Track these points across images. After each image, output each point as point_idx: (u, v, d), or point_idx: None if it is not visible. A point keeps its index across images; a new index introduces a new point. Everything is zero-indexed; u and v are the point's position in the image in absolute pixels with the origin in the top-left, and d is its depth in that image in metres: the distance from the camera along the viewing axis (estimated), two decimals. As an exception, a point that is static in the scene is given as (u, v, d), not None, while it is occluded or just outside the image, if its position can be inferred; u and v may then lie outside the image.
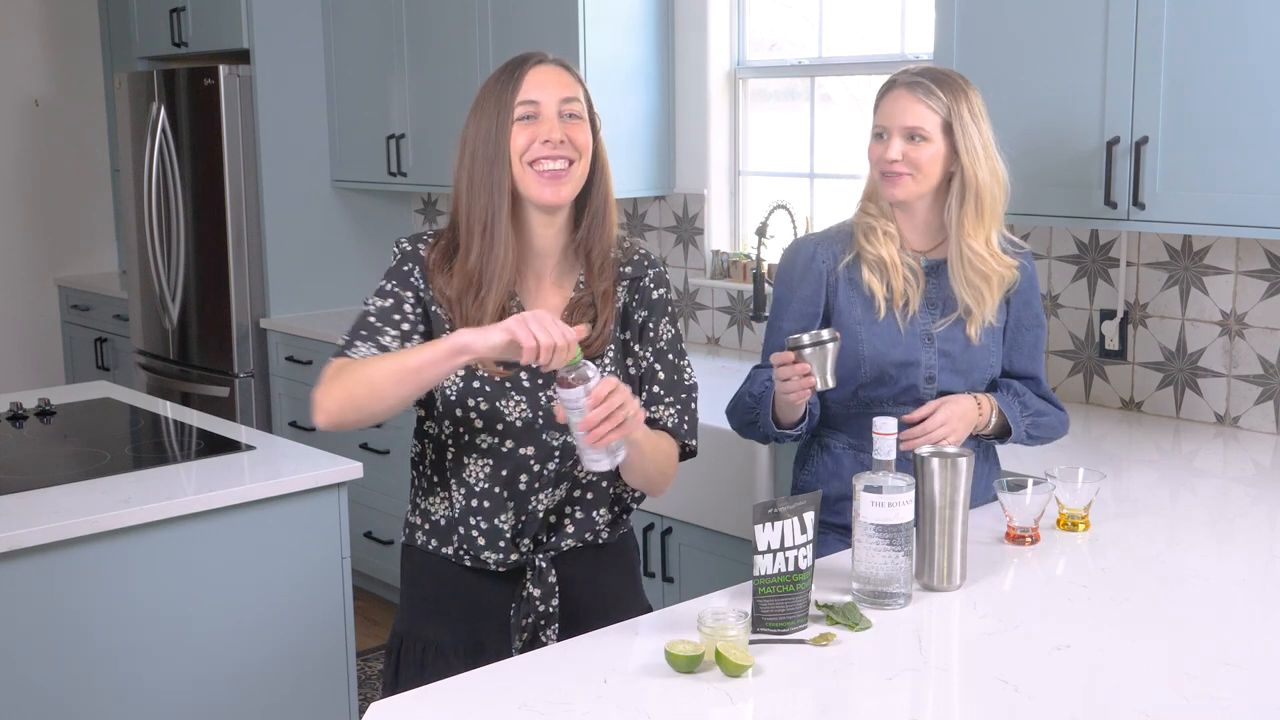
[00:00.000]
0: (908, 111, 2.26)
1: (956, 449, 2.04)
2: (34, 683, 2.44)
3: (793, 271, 2.38)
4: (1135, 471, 2.76)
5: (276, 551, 2.73)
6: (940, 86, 2.26)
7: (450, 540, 2.05)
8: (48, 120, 6.09)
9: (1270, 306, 2.97)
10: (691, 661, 1.71)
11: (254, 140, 4.80)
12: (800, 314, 2.35)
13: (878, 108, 2.33)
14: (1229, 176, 2.62)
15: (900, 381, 2.32)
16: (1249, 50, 2.57)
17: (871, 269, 2.32)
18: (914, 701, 1.71)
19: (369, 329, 1.95)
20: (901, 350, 2.32)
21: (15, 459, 2.94)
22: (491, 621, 2.06)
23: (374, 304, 1.98)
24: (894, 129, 2.27)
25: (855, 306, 2.33)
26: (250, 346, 4.87)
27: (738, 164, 4.19)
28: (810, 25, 4.00)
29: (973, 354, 2.35)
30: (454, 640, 2.06)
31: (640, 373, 2.05)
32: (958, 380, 2.35)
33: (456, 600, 2.07)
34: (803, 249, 2.39)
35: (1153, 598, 2.01)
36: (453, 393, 1.96)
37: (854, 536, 1.95)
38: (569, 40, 3.97)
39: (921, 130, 2.26)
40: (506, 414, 1.96)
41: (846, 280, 2.34)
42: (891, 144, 2.27)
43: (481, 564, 2.04)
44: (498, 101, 1.93)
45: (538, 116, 1.92)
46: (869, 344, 2.32)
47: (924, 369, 2.33)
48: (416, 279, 1.99)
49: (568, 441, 1.97)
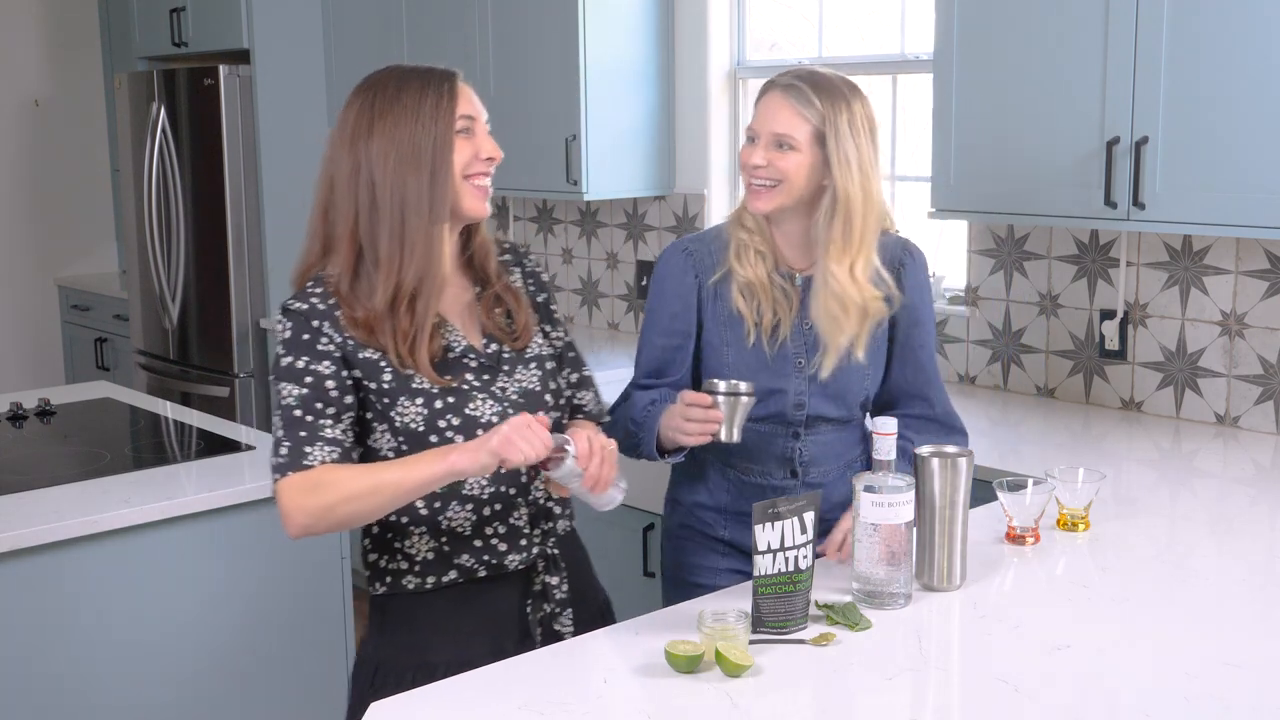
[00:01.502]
0: (778, 117, 2.12)
1: (957, 448, 2.04)
2: (34, 683, 2.44)
3: (664, 283, 2.25)
4: (1135, 471, 2.76)
5: (276, 551, 2.73)
6: (818, 93, 2.10)
7: (451, 566, 1.96)
8: (48, 120, 6.09)
9: (1270, 306, 2.97)
10: (691, 661, 1.71)
11: (254, 140, 4.80)
12: (670, 330, 2.24)
13: (754, 109, 2.19)
14: (1229, 176, 2.62)
15: (770, 406, 2.20)
16: (1249, 51, 2.57)
17: (741, 290, 2.18)
18: (914, 701, 1.71)
19: (305, 428, 1.86)
20: (768, 376, 2.19)
21: (15, 459, 2.94)
22: (507, 627, 1.99)
23: (291, 393, 1.87)
24: (763, 134, 2.13)
25: (723, 327, 2.21)
26: (250, 346, 4.88)
27: (737, 164, 4.19)
28: (810, 25, 4.00)
29: (845, 377, 2.22)
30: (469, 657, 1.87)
31: (557, 352, 2.08)
32: (829, 405, 2.23)
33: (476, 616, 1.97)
34: (673, 259, 2.25)
35: (1153, 598, 2.01)
36: (418, 421, 1.89)
37: (854, 536, 1.95)
38: (569, 40, 3.97)
39: (790, 138, 2.10)
40: (479, 417, 1.91)
41: (715, 297, 2.21)
42: (758, 150, 2.13)
43: (498, 570, 1.98)
44: (433, 114, 1.88)
45: (473, 131, 1.91)
46: (734, 368, 2.20)
47: (793, 396, 2.22)
48: (327, 336, 1.89)
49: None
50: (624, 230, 4.43)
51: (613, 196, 4.18)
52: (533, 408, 1.95)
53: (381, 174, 1.87)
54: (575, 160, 4.02)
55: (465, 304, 2.00)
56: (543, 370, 2.01)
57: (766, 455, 2.26)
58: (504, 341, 1.99)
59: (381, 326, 1.88)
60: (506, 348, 1.98)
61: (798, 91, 2.12)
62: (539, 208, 4.73)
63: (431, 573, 1.95)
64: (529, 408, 1.95)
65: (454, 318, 1.97)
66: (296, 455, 1.84)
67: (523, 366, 1.99)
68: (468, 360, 1.94)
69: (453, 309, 1.98)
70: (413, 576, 1.96)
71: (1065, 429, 3.09)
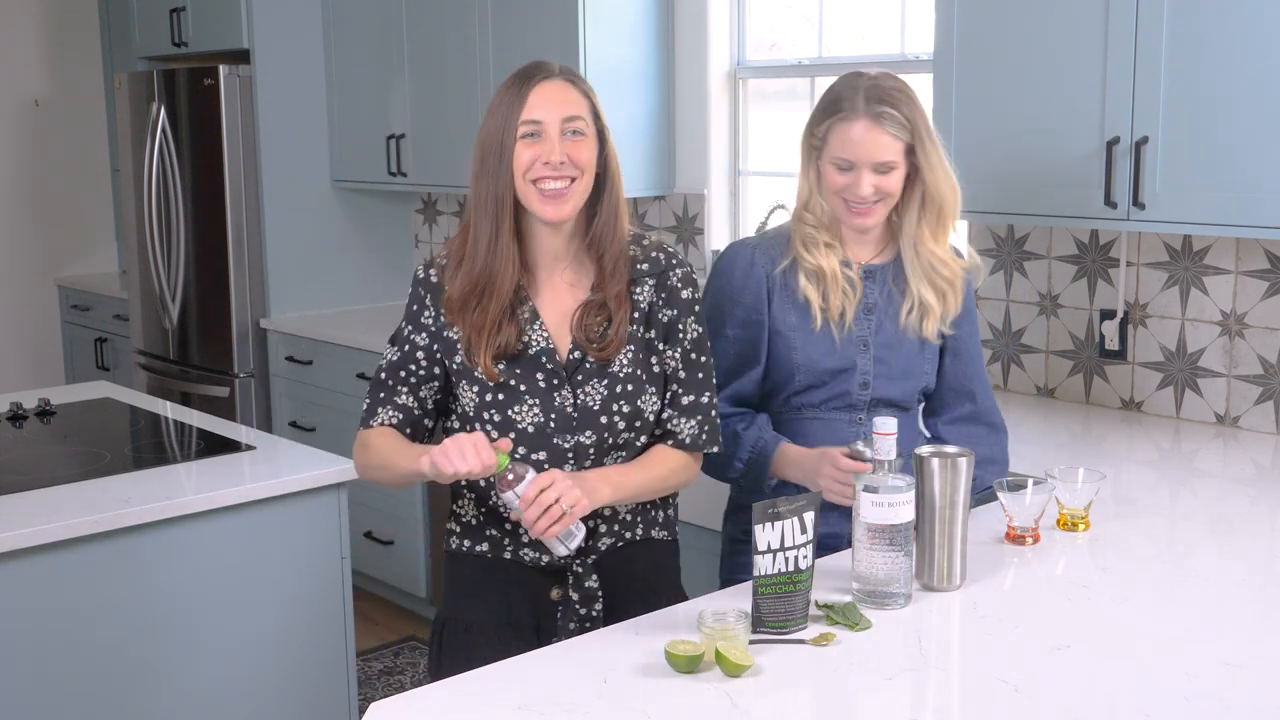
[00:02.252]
0: (878, 146, 2.16)
1: (956, 448, 2.04)
2: (34, 683, 2.44)
3: (732, 278, 2.28)
4: (1135, 471, 2.76)
5: (276, 551, 2.73)
6: (900, 109, 2.16)
7: (483, 538, 2.09)
8: (48, 120, 6.09)
9: (1270, 306, 2.97)
10: (691, 661, 1.71)
11: (254, 140, 4.80)
12: (745, 321, 2.27)
13: (832, 135, 2.19)
14: (1229, 176, 2.62)
15: (834, 387, 2.27)
16: (1249, 50, 2.57)
17: (808, 277, 2.25)
18: (914, 701, 1.71)
19: (385, 390, 2.07)
20: (836, 358, 2.25)
21: (15, 459, 2.94)
22: (525, 605, 2.08)
23: (388, 356, 2.09)
24: (863, 164, 2.17)
25: (790, 313, 2.26)
26: (250, 346, 4.87)
27: (738, 164, 4.19)
28: (810, 25, 4.00)
29: (910, 358, 2.30)
30: (496, 620, 2.08)
31: (667, 371, 2.08)
32: (893, 386, 2.29)
33: (494, 587, 2.09)
34: (740, 254, 2.29)
35: (1153, 598, 2.01)
36: (470, 407, 2.02)
37: (854, 536, 1.95)
38: (569, 40, 3.97)
39: (890, 163, 2.17)
40: (518, 421, 2.00)
41: (782, 286, 2.26)
42: (863, 180, 2.17)
43: (519, 559, 2.07)
44: (504, 116, 1.95)
45: (540, 135, 1.94)
46: (803, 352, 2.25)
47: (859, 375, 2.27)
48: (429, 313, 2.05)
49: (580, 442, 2.01)
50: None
51: (613, 196, 4.17)
52: (584, 425, 2.00)
53: (472, 170, 1.98)
54: (575, 160, 4.01)
55: (569, 305, 2.03)
56: (614, 390, 2.01)
57: (832, 442, 2.24)
58: (588, 351, 2.00)
59: (459, 315, 2.01)
60: (590, 358, 2.01)
61: (888, 118, 2.16)
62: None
63: (469, 538, 2.11)
64: (581, 424, 2.00)
65: (550, 316, 2.02)
66: (369, 413, 2.08)
67: (596, 380, 2.01)
68: (543, 361, 2.00)
69: (552, 307, 2.03)
70: (455, 539, 2.13)
71: (1065, 429, 3.09)
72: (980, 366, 2.40)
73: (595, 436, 2.01)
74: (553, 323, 2.02)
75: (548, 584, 2.08)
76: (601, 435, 2.01)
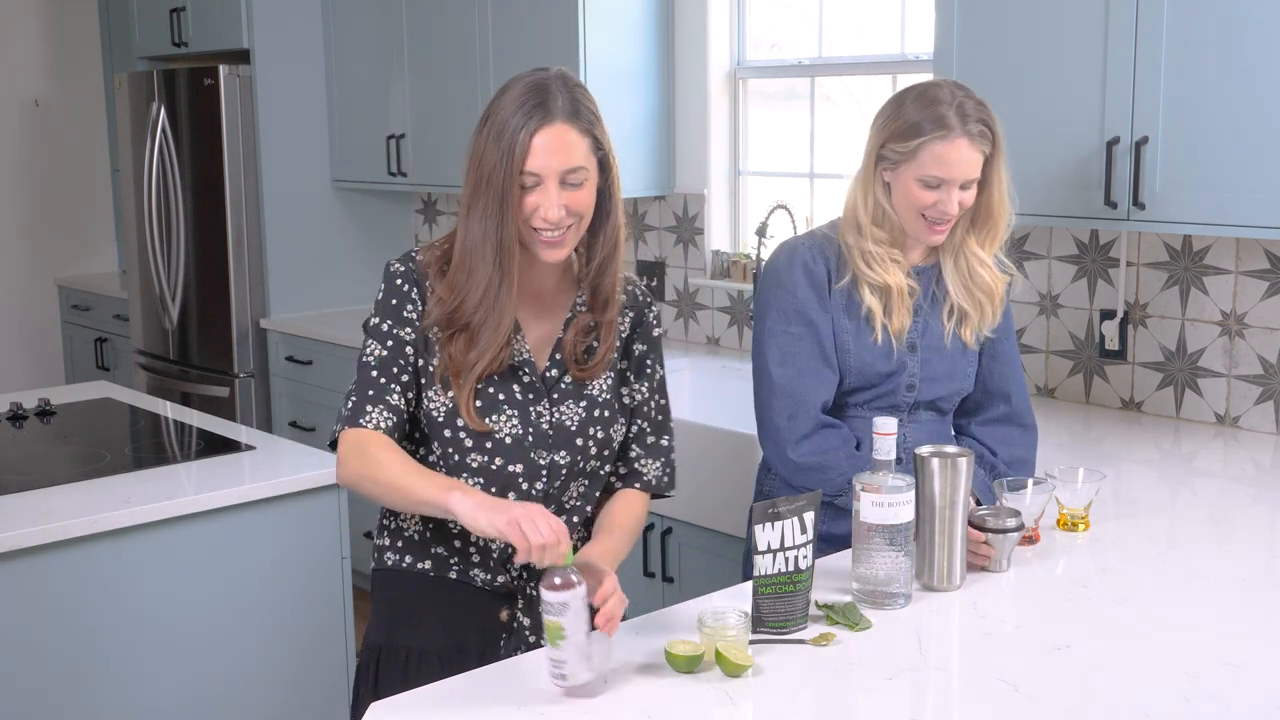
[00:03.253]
0: (973, 165, 2.16)
1: (956, 449, 2.04)
2: (34, 683, 2.44)
3: (793, 276, 2.25)
4: (1135, 471, 2.76)
5: (276, 551, 2.73)
6: (990, 126, 2.16)
7: (427, 555, 2.01)
8: (48, 120, 6.09)
9: (1270, 306, 2.97)
10: (691, 661, 1.71)
11: (254, 140, 4.80)
12: (810, 321, 2.23)
13: (927, 152, 2.14)
14: (1229, 176, 2.62)
15: (881, 389, 2.28)
16: (1249, 50, 2.57)
17: (873, 292, 2.23)
18: (914, 702, 1.71)
19: (375, 388, 1.93)
20: (887, 361, 2.26)
21: (15, 459, 2.94)
22: (474, 630, 2.01)
23: (373, 352, 1.95)
24: (955, 181, 2.15)
25: (845, 318, 2.25)
26: (250, 346, 4.88)
27: (738, 164, 4.19)
28: (810, 25, 4.00)
29: (954, 361, 2.31)
30: (436, 647, 2.00)
31: (633, 404, 2.06)
32: (938, 388, 2.30)
33: (437, 610, 2.01)
34: (798, 254, 2.26)
35: (1153, 598, 2.01)
36: (440, 414, 1.94)
37: (854, 536, 1.95)
38: (569, 40, 3.97)
39: (976, 179, 2.18)
40: (497, 430, 1.94)
41: (840, 293, 2.25)
42: (952, 197, 2.16)
43: (467, 579, 2.01)
44: (505, 155, 1.84)
45: (540, 186, 1.86)
46: (857, 355, 2.25)
47: (906, 376, 2.28)
48: (411, 307, 1.95)
49: (555, 460, 1.96)
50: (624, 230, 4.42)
51: (613, 196, 4.17)
52: (559, 444, 1.96)
53: (465, 193, 1.90)
54: (575, 160, 4.01)
55: (553, 321, 1.99)
56: (591, 413, 1.98)
57: (869, 438, 2.19)
58: (570, 369, 1.97)
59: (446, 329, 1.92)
60: (569, 378, 1.97)
61: (984, 137, 2.15)
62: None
63: (410, 554, 2.03)
64: (556, 443, 1.96)
65: (532, 331, 1.97)
66: (358, 412, 1.93)
67: (573, 401, 1.97)
68: (521, 374, 1.95)
69: (535, 323, 1.98)
70: (393, 554, 2.04)
71: (1065, 429, 3.09)
72: (1017, 367, 2.41)
73: (569, 457, 1.97)
74: (534, 338, 1.97)
75: (497, 606, 2.02)
76: (575, 457, 1.97)
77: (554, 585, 1.65)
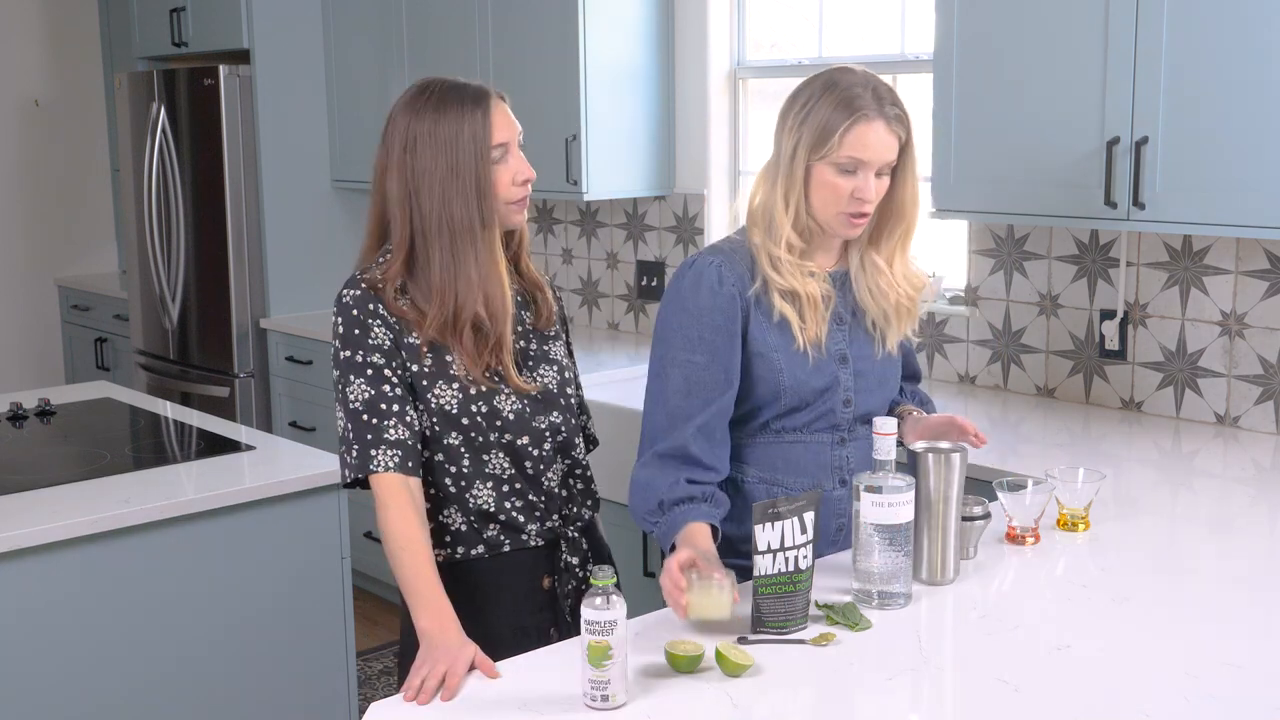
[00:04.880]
0: (888, 146, 2.04)
1: (951, 444, 2.05)
2: (33, 682, 2.44)
3: (698, 296, 2.08)
4: (1135, 471, 2.76)
5: (276, 551, 2.73)
6: (904, 111, 2.06)
7: (480, 538, 2.09)
8: (48, 120, 6.09)
9: (1270, 306, 2.97)
10: (691, 661, 1.71)
11: (254, 140, 4.80)
12: (712, 344, 2.07)
13: (849, 137, 2.02)
14: (1229, 176, 2.62)
15: (818, 408, 2.14)
16: (1249, 50, 2.57)
17: (783, 297, 2.09)
18: (914, 701, 1.71)
19: (371, 430, 1.98)
20: (821, 376, 2.12)
21: (15, 459, 2.95)
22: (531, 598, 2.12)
23: (356, 395, 1.99)
24: (872, 165, 2.04)
25: (769, 333, 2.10)
26: (250, 346, 4.87)
27: (738, 164, 4.19)
28: (810, 25, 4.00)
29: (884, 369, 2.21)
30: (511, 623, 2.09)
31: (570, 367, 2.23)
32: (872, 399, 2.19)
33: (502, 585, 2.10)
34: (706, 271, 2.10)
35: (1153, 598, 2.01)
36: (453, 405, 2.04)
37: (854, 536, 1.95)
38: (569, 40, 3.97)
39: (891, 164, 2.06)
40: (502, 410, 2.06)
41: (755, 305, 2.10)
42: (869, 182, 2.04)
43: (521, 544, 2.10)
44: (471, 141, 2.00)
45: (506, 155, 2.03)
46: (789, 373, 2.10)
47: (842, 392, 2.16)
48: (376, 331, 2.00)
49: (552, 421, 2.10)
50: (624, 230, 4.43)
51: (613, 196, 4.18)
52: (550, 406, 2.11)
53: (429, 202, 2.00)
54: (575, 160, 4.02)
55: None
56: (563, 376, 2.15)
57: (817, 467, 2.17)
58: (530, 334, 2.12)
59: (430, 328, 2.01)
60: (533, 345, 2.12)
61: (897, 118, 2.05)
62: (539, 208, 4.73)
63: (462, 545, 2.09)
64: (547, 405, 2.11)
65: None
66: (364, 460, 1.98)
67: (545, 365, 2.13)
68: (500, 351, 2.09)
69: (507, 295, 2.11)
70: (443, 551, 2.08)
71: (1065, 429, 3.09)
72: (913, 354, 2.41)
73: (561, 416, 2.12)
74: None
75: (539, 572, 2.13)
76: (566, 416, 2.13)
77: (597, 604, 1.62)
